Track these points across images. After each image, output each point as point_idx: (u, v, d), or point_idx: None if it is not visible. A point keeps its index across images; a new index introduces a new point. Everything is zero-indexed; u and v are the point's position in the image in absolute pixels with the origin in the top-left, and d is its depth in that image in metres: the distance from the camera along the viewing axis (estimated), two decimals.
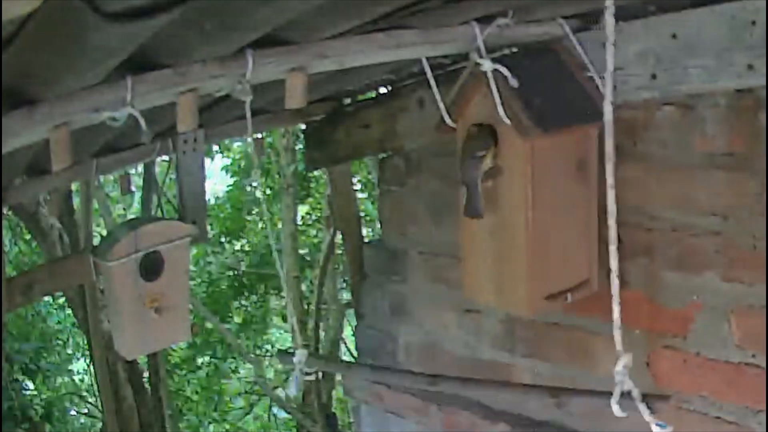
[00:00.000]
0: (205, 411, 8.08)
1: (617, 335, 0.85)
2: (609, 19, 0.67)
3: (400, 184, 2.07)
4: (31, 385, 5.69)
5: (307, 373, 1.60)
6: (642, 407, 0.82)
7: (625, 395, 0.84)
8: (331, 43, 1.25)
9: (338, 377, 6.26)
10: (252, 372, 8.17)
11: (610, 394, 0.85)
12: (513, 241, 1.44)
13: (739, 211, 1.41)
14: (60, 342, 7.29)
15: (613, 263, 0.83)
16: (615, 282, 0.84)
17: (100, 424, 6.31)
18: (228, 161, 7.58)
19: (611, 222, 0.81)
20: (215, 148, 7.12)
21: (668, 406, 1.44)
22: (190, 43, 1.10)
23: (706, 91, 1.38)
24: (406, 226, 2.07)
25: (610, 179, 0.79)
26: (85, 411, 7.30)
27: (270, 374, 7.83)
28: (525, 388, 1.56)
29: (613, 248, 0.82)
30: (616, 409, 0.85)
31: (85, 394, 7.34)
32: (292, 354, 1.63)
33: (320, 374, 6.09)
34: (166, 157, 2.00)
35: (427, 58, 1.46)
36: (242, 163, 7.35)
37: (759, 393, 1.40)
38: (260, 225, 7.60)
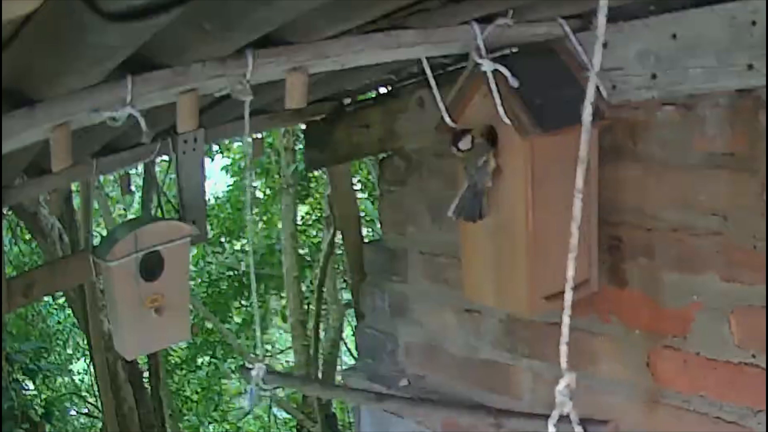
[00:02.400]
0: (205, 411, 8.09)
1: (563, 350, 0.84)
2: (601, 19, 0.67)
3: (400, 184, 2.07)
4: (31, 385, 5.69)
5: (265, 389, 1.60)
6: (579, 430, 0.81)
7: (564, 418, 0.83)
8: (331, 43, 1.25)
9: (338, 377, 6.25)
10: None
11: (548, 416, 0.84)
12: (513, 241, 1.44)
13: (739, 211, 1.41)
14: (60, 342, 7.30)
15: (569, 273, 0.82)
16: (568, 294, 0.83)
17: (100, 424, 6.31)
18: (228, 161, 7.59)
19: (574, 229, 0.80)
20: (215, 148, 7.13)
21: (606, 429, 1.43)
22: (190, 43, 1.10)
23: (706, 91, 1.38)
24: (406, 226, 2.07)
25: (579, 184, 0.78)
26: (85, 411, 7.31)
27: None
28: (467, 408, 1.57)
29: (572, 256, 0.81)
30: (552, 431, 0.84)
31: (85, 394, 7.35)
32: (251, 368, 1.63)
33: (320, 375, 6.10)
34: (166, 157, 2.00)
35: (427, 58, 1.46)
36: (242, 163, 7.36)
37: (759, 393, 1.40)
38: (260, 225, 7.61)
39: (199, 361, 8.18)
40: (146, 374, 5.26)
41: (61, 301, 6.69)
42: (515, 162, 1.40)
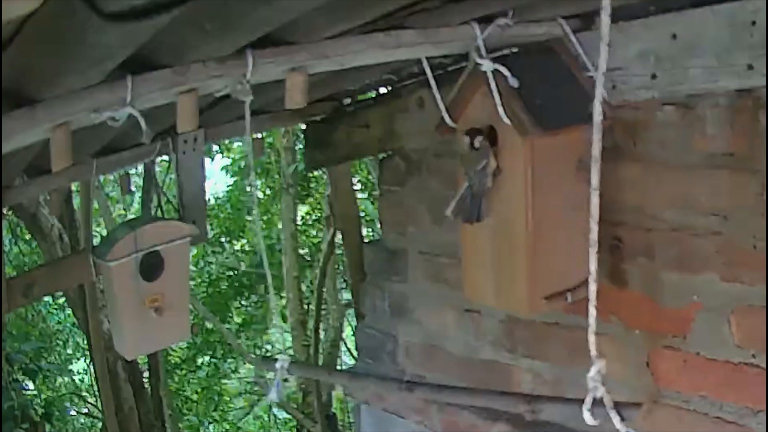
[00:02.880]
0: (205, 411, 8.09)
1: (592, 339, 0.84)
2: (605, 18, 0.67)
3: (400, 184, 2.07)
4: (31, 385, 5.69)
5: (288, 380, 1.59)
6: (613, 414, 0.81)
7: (597, 402, 0.84)
8: (331, 43, 1.25)
9: None
10: (252, 372, 8.17)
11: (583, 401, 0.84)
12: (513, 241, 1.44)
13: (739, 211, 1.41)
14: (60, 342, 7.30)
15: (592, 266, 0.82)
16: (593, 286, 0.84)
17: (100, 424, 6.31)
18: (228, 161, 7.59)
19: (593, 226, 0.80)
20: (215, 148, 7.13)
21: (640, 413, 1.44)
22: (190, 43, 1.10)
23: (706, 91, 1.38)
24: (406, 226, 2.07)
25: (594, 182, 0.79)
26: (85, 411, 7.30)
27: (270, 374, 7.82)
28: (500, 395, 1.57)
29: (593, 251, 0.82)
30: (587, 416, 0.85)
31: (85, 394, 7.35)
32: (275, 360, 1.62)
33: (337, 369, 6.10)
34: (166, 157, 2.00)
35: (427, 58, 1.46)
36: (242, 163, 7.36)
37: (759, 393, 1.40)
38: (260, 225, 7.60)
39: (199, 361, 8.18)
40: (146, 374, 5.26)
41: (61, 301, 6.69)
42: (515, 162, 1.40)
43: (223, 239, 7.97)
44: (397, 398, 2.12)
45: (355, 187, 4.26)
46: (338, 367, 6.53)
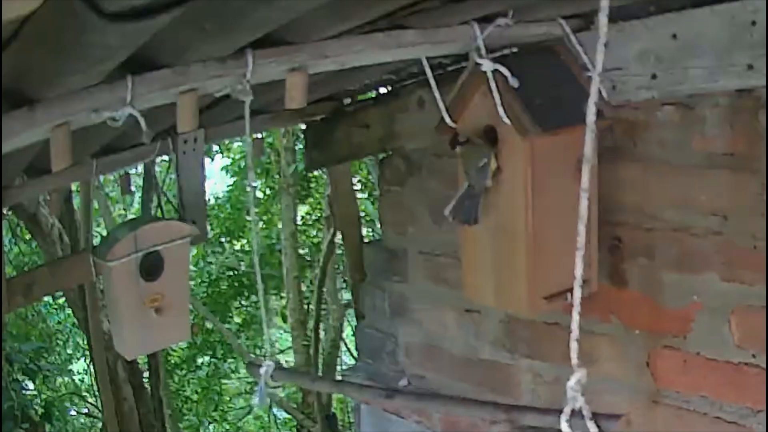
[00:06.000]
0: (205, 411, 8.09)
1: (574, 346, 0.84)
2: (602, 19, 0.68)
3: (400, 184, 2.07)
4: (31, 385, 5.69)
5: (274, 387, 1.59)
6: (591, 425, 0.81)
7: (576, 413, 0.84)
8: (331, 43, 1.25)
9: (339, 377, 6.25)
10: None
11: (561, 412, 0.84)
12: (513, 241, 1.44)
13: (739, 211, 1.41)
14: (60, 342, 7.30)
15: (578, 271, 0.82)
16: (577, 291, 0.83)
17: (100, 424, 6.31)
18: (228, 161, 7.59)
19: (581, 228, 0.80)
20: (215, 148, 7.13)
21: (618, 424, 1.43)
22: (190, 43, 1.10)
23: (706, 91, 1.38)
24: (406, 226, 2.07)
25: (585, 183, 0.78)
26: (85, 411, 7.31)
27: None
28: (478, 404, 1.57)
29: (579, 254, 0.81)
30: (564, 427, 0.84)
31: (85, 394, 7.35)
32: (260, 365, 1.62)
33: (320, 375, 6.10)
34: (166, 157, 2.00)
35: (427, 58, 1.45)
36: (242, 163, 7.36)
37: (759, 393, 1.40)
38: (261, 225, 7.61)
39: (199, 361, 8.18)
40: (146, 374, 5.26)
41: (61, 301, 6.69)
42: (515, 162, 1.40)
43: (223, 239, 7.97)
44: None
45: (355, 187, 4.26)
46: (338, 367, 6.54)
